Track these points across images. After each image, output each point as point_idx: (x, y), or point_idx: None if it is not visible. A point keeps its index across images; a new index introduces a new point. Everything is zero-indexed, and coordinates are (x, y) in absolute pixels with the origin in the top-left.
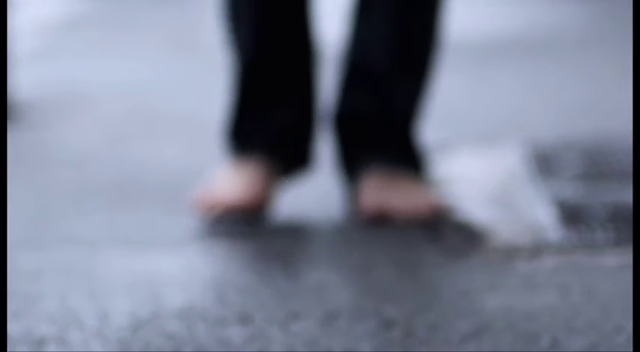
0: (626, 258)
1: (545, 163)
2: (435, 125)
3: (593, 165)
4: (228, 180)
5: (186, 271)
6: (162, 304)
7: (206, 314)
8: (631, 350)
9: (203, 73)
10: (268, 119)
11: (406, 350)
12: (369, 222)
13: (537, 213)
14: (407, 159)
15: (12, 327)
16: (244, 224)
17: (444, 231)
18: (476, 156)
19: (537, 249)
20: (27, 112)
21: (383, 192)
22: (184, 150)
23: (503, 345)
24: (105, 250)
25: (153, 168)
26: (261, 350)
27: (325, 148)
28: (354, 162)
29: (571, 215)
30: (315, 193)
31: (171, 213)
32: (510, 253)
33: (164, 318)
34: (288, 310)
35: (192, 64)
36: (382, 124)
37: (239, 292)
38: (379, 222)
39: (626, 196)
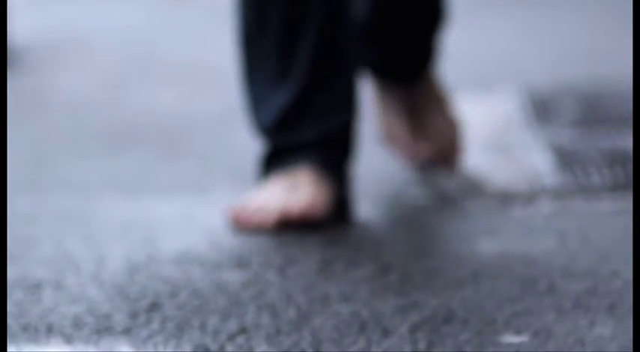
0: (623, 202)
1: (541, 109)
2: None
3: (590, 111)
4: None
5: (182, 216)
6: (158, 248)
7: (202, 259)
8: (628, 295)
9: (202, 20)
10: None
11: (403, 295)
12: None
13: (534, 159)
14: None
15: (8, 271)
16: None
17: (440, 177)
18: (472, 102)
19: (534, 195)
20: (24, 58)
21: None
22: (182, 96)
23: (500, 290)
24: (101, 195)
25: (150, 113)
26: (257, 294)
27: None
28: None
29: (567, 160)
30: None
31: (167, 159)
32: (507, 199)
33: (160, 263)
34: (285, 255)
35: (192, 11)
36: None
37: (235, 237)
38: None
39: (623, 141)
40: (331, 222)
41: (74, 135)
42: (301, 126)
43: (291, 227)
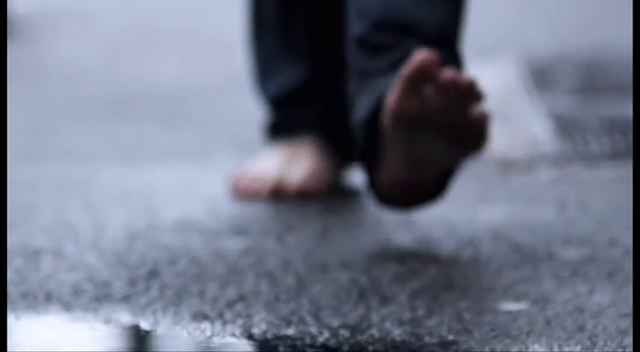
0: (622, 170)
1: (541, 77)
2: None
3: (589, 79)
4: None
5: (182, 184)
6: (157, 216)
7: (201, 226)
8: (627, 262)
9: None
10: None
11: (402, 263)
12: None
13: (533, 127)
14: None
15: (9, 239)
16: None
17: None
18: (472, 70)
19: (533, 162)
20: (23, 27)
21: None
22: (181, 65)
23: (499, 257)
24: (100, 163)
25: (149, 82)
26: (256, 262)
27: None
28: None
29: (567, 128)
30: None
31: (167, 127)
32: (506, 166)
33: (159, 230)
34: (284, 223)
35: None
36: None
37: (234, 205)
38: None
39: (622, 109)
40: (330, 194)
41: (74, 103)
42: (308, 102)
43: (288, 197)
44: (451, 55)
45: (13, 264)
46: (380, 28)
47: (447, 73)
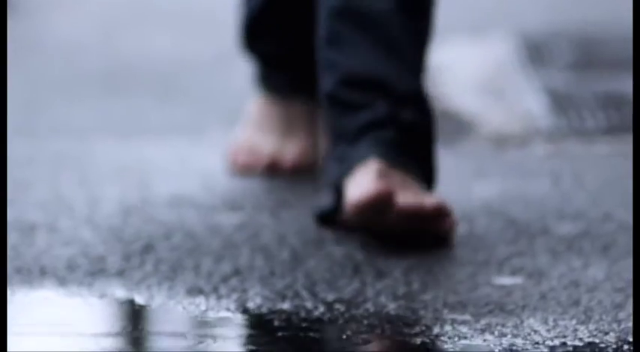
0: (616, 145)
1: (535, 52)
2: None
3: (584, 55)
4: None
5: (176, 160)
6: (151, 191)
7: (196, 202)
8: (621, 237)
9: None
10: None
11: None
12: None
13: (528, 102)
14: None
15: None
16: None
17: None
18: (466, 45)
19: (528, 137)
20: (19, 2)
21: None
22: (177, 40)
23: (494, 232)
24: (96, 138)
25: (144, 57)
26: (251, 237)
27: None
28: None
29: (561, 103)
30: None
31: (162, 102)
32: (501, 141)
33: (154, 205)
34: (278, 199)
35: None
36: None
37: (228, 181)
38: None
39: (617, 85)
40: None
41: (69, 78)
42: (300, 64)
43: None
44: (421, 113)
45: (8, 238)
46: (348, 84)
47: (405, 205)
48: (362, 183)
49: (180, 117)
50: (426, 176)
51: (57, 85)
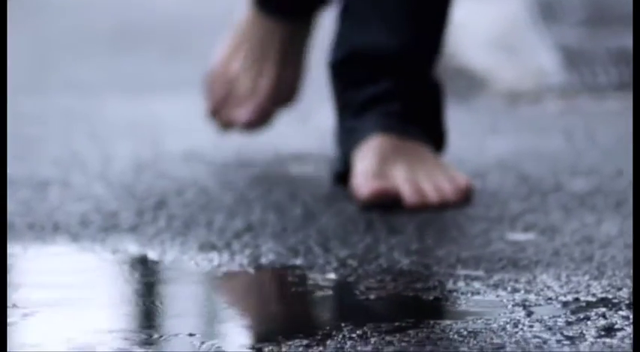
0: (629, 101)
1: (548, 9)
2: None
3: (597, 11)
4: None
5: (187, 116)
6: (163, 148)
7: (208, 157)
8: (630, 194)
9: None
10: None
11: None
12: None
13: (540, 58)
14: None
15: (16, 170)
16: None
17: (446, 76)
18: (479, 2)
19: (540, 94)
20: None
21: None
22: None
23: (506, 186)
24: (106, 95)
25: (153, 13)
26: (263, 193)
27: None
28: None
29: (574, 59)
30: None
31: (171, 59)
32: (513, 97)
33: (166, 161)
34: (290, 154)
35: None
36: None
37: (239, 137)
38: None
39: (629, 40)
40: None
41: (77, 36)
42: None
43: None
44: (427, 89)
45: (20, 194)
46: (354, 59)
47: (410, 204)
48: (364, 172)
49: (189, 74)
50: (435, 141)
51: (66, 42)
